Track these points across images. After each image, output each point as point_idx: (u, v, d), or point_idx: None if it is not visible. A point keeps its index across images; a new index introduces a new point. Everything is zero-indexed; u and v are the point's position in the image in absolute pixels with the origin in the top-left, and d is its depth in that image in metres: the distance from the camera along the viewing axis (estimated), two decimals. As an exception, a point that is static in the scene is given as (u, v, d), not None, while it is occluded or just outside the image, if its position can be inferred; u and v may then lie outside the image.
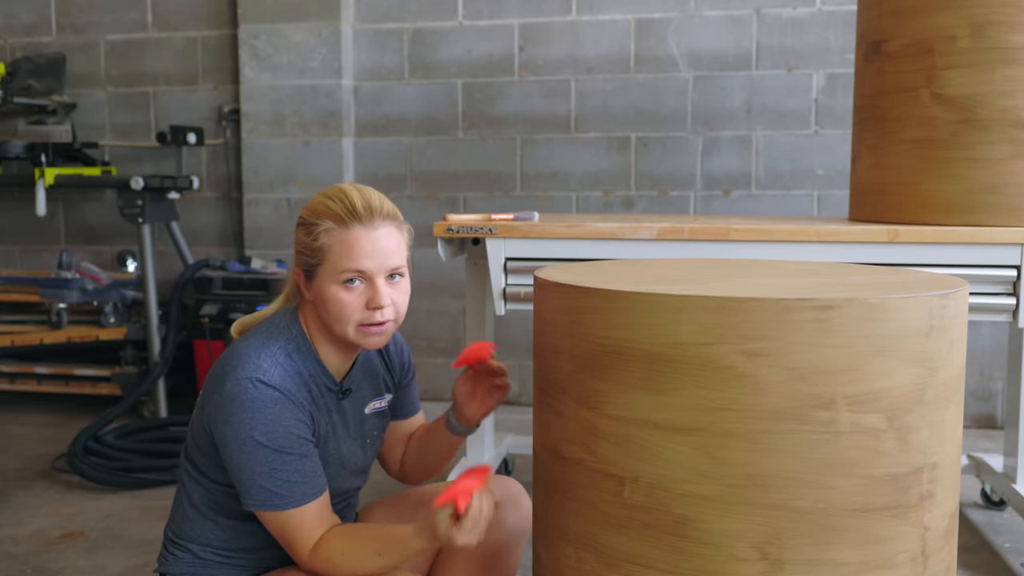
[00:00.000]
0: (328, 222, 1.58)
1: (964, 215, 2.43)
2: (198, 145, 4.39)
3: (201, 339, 4.05)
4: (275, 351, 1.59)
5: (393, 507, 1.93)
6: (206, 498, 1.67)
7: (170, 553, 1.70)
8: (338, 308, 1.57)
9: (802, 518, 1.28)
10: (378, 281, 1.58)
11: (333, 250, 1.57)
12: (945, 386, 1.36)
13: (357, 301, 1.58)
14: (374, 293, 1.57)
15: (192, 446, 1.68)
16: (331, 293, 1.57)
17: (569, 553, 1.45)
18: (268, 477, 1.53)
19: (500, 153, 4.36)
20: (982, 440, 3.87)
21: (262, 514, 1.57)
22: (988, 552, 2.67)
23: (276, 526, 1.57)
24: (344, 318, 1.58)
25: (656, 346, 1.30)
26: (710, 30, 4.17)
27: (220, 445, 1.57)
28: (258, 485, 1.53)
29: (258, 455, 1.52)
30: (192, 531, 1.68)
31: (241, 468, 1.54)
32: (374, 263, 1.58)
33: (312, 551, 1.57)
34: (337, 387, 1.68)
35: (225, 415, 1.53)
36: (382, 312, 1.58)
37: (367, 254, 1.57)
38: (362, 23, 4.45)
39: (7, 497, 3.15)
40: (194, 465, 1.68)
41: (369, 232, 1.58)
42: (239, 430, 1.52)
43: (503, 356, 4.39)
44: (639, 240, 2.46)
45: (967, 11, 2.38)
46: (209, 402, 1.58)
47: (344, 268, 1.56)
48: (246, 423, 1.52)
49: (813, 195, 4.16)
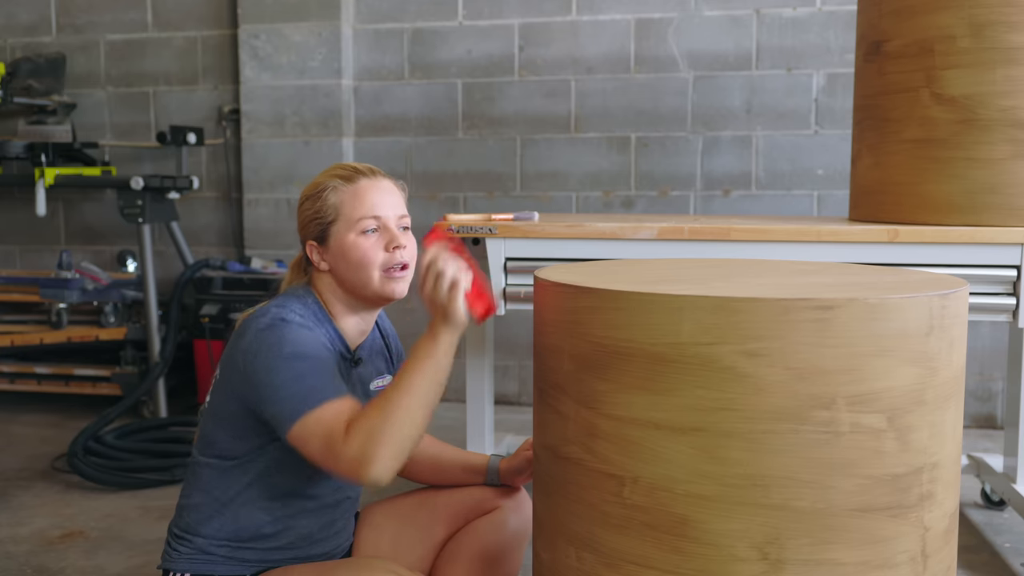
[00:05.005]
0: (335, 181, 1.68)
1: (964, 215, 2.43)
2: (198, 145, 4.39)
3: (201, 339, 4.05)
4: (297, 308, 1.64)
5: (393, 507, 1.93)
6: (222, 484, 1.67)
7: (174, 549, 1.70)
8: (361, 253, 1.65)
9: (802, 518, 1.28)
10: (392, 226, 1.68)
11: (345, 203, 1.67)
12: (945, 386, 1.36)
13: (377, 245, 1.66)
14: (392, 235, 1.67)
15: (211, 429, 1.68)
16: (350, 242, 1.66)
17: (569, 553, 1.45)
18: (298, 381, 1.53)
19: (500, 153, 4.36)
20: (982, 440, 3.87)
21: (298, 431, 1.52)
22: (988, 552, 2.67)
23: (312, 435, 1.51)
24: (368, 262, 1.65)
25: (656, 346, 1.30)
26: (710, 30, 4.17)
27: (253, 386, 1.56)
28: (290, 395, 1.52)
29: (288, 367, 1.54)
30: (200, 523, 1.68)
31: (274, 388, 1.53)
32: (386, 210, 1.68)
33: (346, 437, 1.49)
34: (351, 354, 1.72)
35: (255, 350, 1.56)
36: (402, 252, 1.67)
37: (378, 202, 1.67)
38: (362, 23, 4.45)
39: (7, 497, 3.15)
40: (212, 450, 1.68)
41: (375, 183, 1.70)
42: (268, 354, 1.55)
43: (503, 356, 4.40)
44: (639, 240, 2.46)
45: (967, 11, 2.38)
46: (235, 358, 1.60)
47: (360, 215, 1.66)
48: (275, 345, 1.55)
49: (813, 195, 4.16)
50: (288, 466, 1.66)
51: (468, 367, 2.84)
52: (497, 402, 4.26)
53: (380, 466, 1.46)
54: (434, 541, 1.89)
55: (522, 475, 1.89)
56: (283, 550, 1.70)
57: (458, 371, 4.48)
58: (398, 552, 1.87)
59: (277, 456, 1.65)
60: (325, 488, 1.72)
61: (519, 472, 1.89)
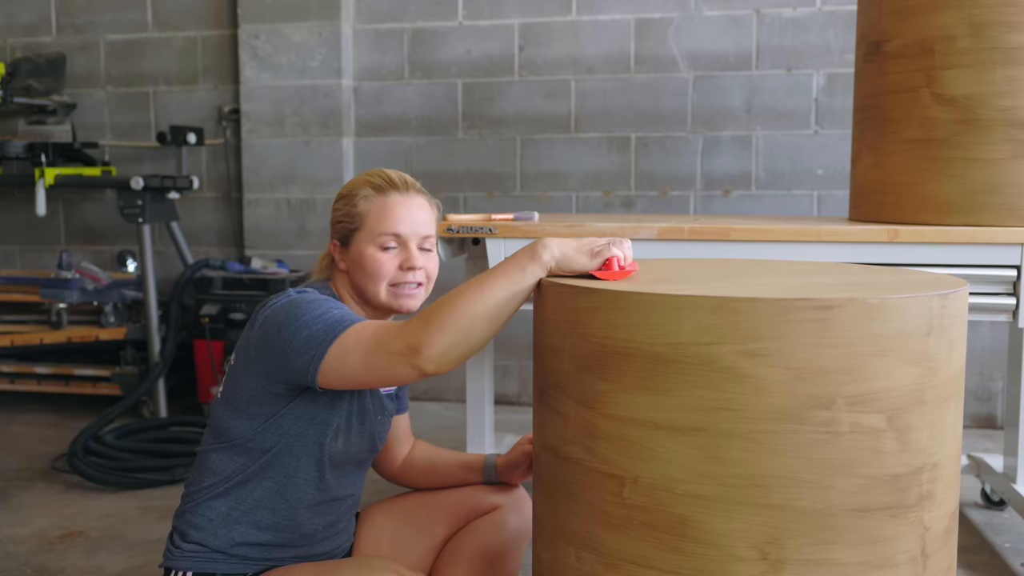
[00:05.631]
0: (367, 189, 1.71)
1: (964, 215, 2.43)
2: (198, 145, 4.39)
3: (201, 339, 4.05)
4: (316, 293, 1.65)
5: (394, 507, 1.93)
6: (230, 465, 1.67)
7: (176, 547, 1.69)
8: (375, 267, 1.67)
9: (802, 518, 1.28)
10: (411, 245, 1.69)
11: (371, 215, 1.69)
12: (945, 386, 1.36)
13: (392, 262, 1.69)
14: (408, 255, 1.69)
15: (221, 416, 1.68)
16: (368, 253, 1.68)
17: (569, 553, 1.45)
18: (324, 316, 1.53)
19: (500, 153, 4.36)
20: (982, 440, 3.88)
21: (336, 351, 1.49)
22: (988, 552, 2.67)
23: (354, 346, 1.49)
24: (379, 276, 1.68)
25: (656, 346, 1.30)
26: (710, 30, 4.17)
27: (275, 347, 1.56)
28: (314, 331, 1.52)
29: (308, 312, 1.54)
30: (204, 513, 1.68)
31: (297, 336, 1.53)
32: (409, 228, 1.70)
33: (401, 328, 1.45)
34: None
35: (274, 319, 1.58)
36: (414, 274, 1.69)
37: (403, 219, 1.69)
38: (362, 23, 4.45)
39: (7, 497, 3.15)
40: (222, 436, 1.68)
41: (405, 199, 1.71)
42: (288, 315, 1.56)
43: (503, 356, 4.40)
44: (639, 240, 2.46)
45: (967, 11, 2.38)
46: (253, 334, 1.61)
47: (381, 231, 1.68)
48: (293, 308, 1.57)
49: (813, 195, 4.16)
50: (295, 446, 1.66)
51: (468, 367, 2.84)
52: (497, 402, 4.26)
53: (433, 351, 1.40)
54: (434, 541, 1.90)
55: (519, 470, 1.89)
56: (285, 548, 1.70)
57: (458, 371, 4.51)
58: (398, 552, 1.87)
59: (285, 434, 1.65)
60: (331, 479, 1.72)
61: (516, 467, 1.89)
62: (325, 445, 1.68)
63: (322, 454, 1.68)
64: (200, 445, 1.74)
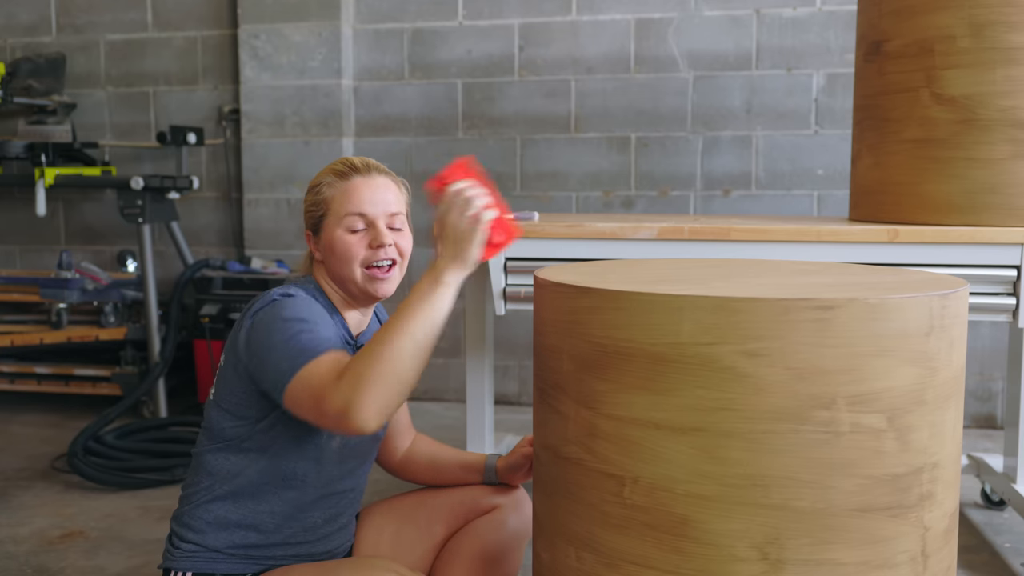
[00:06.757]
0: (331, 176, 1.73)
1: (964, 215, 2.43)
2: (198, 145, 4.39)
3: (201, 339, 4.05)
4: (299, 289, 1.68)
5: (393, 507, 1.93)
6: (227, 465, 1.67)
7: (175, 547, 1.69)
8: (344, 248, 1.68)
9: (802, 518, 1.28)
10: (380, 224, 1.70)
11: (336, 199, 1.71)
12: (945, 386, 1.36)
13: (361, 242, 1.69)
14: (376, 233, 1.69)
15: (214, 418, 1.68)
16: (337, 236, 1.69)
17: (569, 553, 1.45)
18: (294, 339, 1.54)
19: (500, 153, 4.36)
20: (982, 440, 3.88)
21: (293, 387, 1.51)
22: (988, 552, 2.67)
23: (305, 389, 1.50)
24: (350, 257, 1.68)
25: (656, 346, 1.30)
26: (710, 30, 4.17)
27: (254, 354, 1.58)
28: (283, 353, 1.53)
29: (286, 328, 1.56)
30: (203, 513, 1.68)
31: (270, 348, 1.55)
32: (374, 208, 1.70)
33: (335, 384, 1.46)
34: (353, 340, 1.74)
35: (257, 321, 1.60)
36: (385, 250, 1.69)
37: (367, 200, 1.70)
38: (362, 23, 4.45)
39: (7, 497, 3.15)
40: (216, 436, 1.68)
41: (368, 180, 1.72)
42: (269, 319, 1.58)
43: (503, 356, 4.40)
44: (639, 240, 2.46)
45: (967, 11, 2.38)
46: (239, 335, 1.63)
47: (346, 212, 1.69)
48: (275, 312, 1.59)
49: (813, 195, 4.16)
50: (291, 446, 1.66)
51: (468, 367, 2.83)
52: (497, 402, 4.26)
53: (365, 413, 1.42)
54: (434, 541, 1.89)
55: (520, 472, 1.89)
56: (286, 546, 1.70)
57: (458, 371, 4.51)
58: (398, 552, 1.87)
59: (280, 434, 1.65)
60: (332, 473, 1.72)
61: (517, 469, 1.89)
62: (321, 443, 1.68)
63: (319, 451, 1.68)
64: (195, 447, 1.74)
